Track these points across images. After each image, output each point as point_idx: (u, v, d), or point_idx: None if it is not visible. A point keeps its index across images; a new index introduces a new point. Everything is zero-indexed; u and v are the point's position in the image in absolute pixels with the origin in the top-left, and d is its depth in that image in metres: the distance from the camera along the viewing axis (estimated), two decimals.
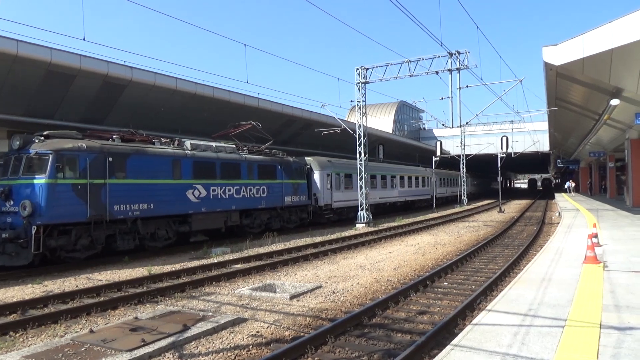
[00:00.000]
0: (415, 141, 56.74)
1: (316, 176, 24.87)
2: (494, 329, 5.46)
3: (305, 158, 25.07)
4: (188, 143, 17.11)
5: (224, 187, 17.96)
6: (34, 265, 12.74)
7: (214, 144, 18.38)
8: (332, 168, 26.17)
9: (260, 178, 19.93)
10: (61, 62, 16.52)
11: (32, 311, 8.88)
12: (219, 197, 17.75)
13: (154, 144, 16.05)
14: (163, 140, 16.71)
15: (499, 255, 14.64)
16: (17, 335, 7.46)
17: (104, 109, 19.99)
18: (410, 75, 24.24)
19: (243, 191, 18.94)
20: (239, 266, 13.19)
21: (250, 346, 6.59)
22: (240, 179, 18.86)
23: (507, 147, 35.70)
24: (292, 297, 9.30)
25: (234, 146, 19.53)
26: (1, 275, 11.93)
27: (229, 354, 6.31)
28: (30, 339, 7.29)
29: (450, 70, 23.36)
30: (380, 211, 32.20)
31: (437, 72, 23.66)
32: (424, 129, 68.39)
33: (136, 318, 7.84)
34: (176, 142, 16.98)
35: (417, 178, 39.38)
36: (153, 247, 15.84)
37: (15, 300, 9.57)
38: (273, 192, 20.74)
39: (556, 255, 10.80)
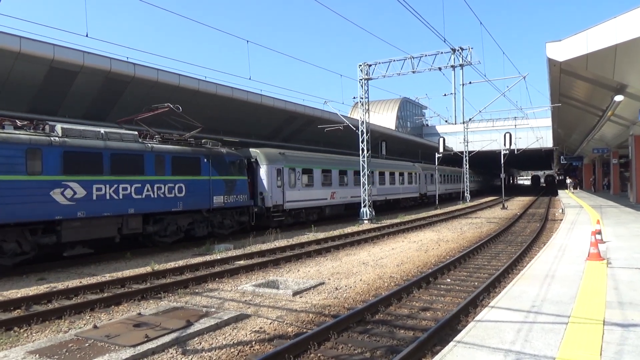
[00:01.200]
0: (418, 138, 56.61)
1: (262, 171, 20.98)
2: (497, 326, 5.46)
3: (250, 150, 21.49)
4: (59, 127, 13.31)
5: (115, 185, 14.10)
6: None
7: (102, 130, 14.52)
8: (285, 162, 22.21)
9: (175, 173, 15.93)
10: (64, 59, 16.52)
11: (36, 307, 8.93)
12: (108, 197, 13.89)
13: (3, 127, 12.27)
14: (19, 122, 12.93)
15: (502, 252, 14.62)
16: (22, 330, 7.50)
17: (106, 105, 20.01)
18: (413, 72, 24.17)
19: (148, 190, 15.03)
20: (242, 262, 13.21)
21: (254, 342, 6.61)
22: (142, 174, 14.95)
23: (510, 144, 35.57)
24: (295, 294, 9.32)
25: (134, 133, 15.46)
26: (5, 271, 11.98)
27: (232, 350, 6.33)
28: (34, 334, 7.33)
29: (453, 67, 23.27)
30: (353, 212, 27.57)
31: (440, 69, 23.59)
32: (427, 125, 68.21)
33: (140, 314, 7.87)
34: (44, 127, 13.23)
35: (401, 174, 35.24)
36: None
37: (19, 296, 9.62)
38: (195, 191, 16.64)
39: (559, 252, 10.77)
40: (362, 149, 25.64)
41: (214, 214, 17.92)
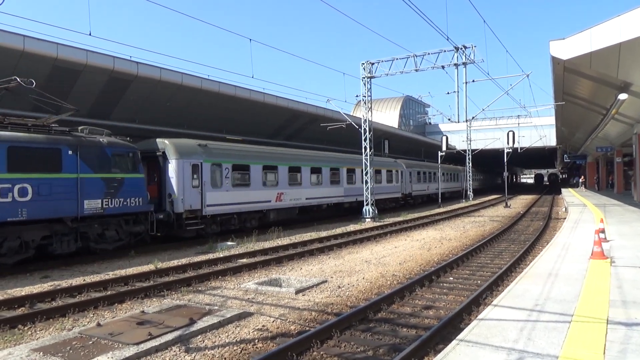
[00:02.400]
0: (421, 136, 56.54)
1: (172, 168, 16.47)
2: (500, 324, 5.45)
3: (157, 140, 17.14)
4: None
5: None
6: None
7: None
8: (206, 155, 17.67)
9: (14, 170, 11.75)
10: (67, 58, 16.57)
11: (40, 305, 8.97)
12: None
13: None
14: None
15: (505, 250, 14.60)
16: (26, 328, 7.53)
17: (110, 104, 20.05)
18: (416, 70, 24.14)
19: None
20: (244, 260, 13.23)
21: (256, 340, 6.62)
22: None
23: (514, 142, 35.48)
24: (297, 292, 9.33)
25: None
26: (9, 269, 12.03)
27: (235, 347, 6.34)
28: (38, 332, 7.37)
29: (456, 65, 23.33)
30: (323, 215, 25.13)
31: (443, 67, 23.56)
32: (430, 123, 68.12)
33: (143, 312, 7.90)
34: None
35: (377, 172, 30.11)
36: None
37: (23, 294, 9.66)
38: (52, 194, 12.41)
39: (563, 250, 10.75)
40: (365, 147, 25.62)
41: (88, 224, 13.60)
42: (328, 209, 25.80)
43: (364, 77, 25.34)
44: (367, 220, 24.78)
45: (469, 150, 44.13)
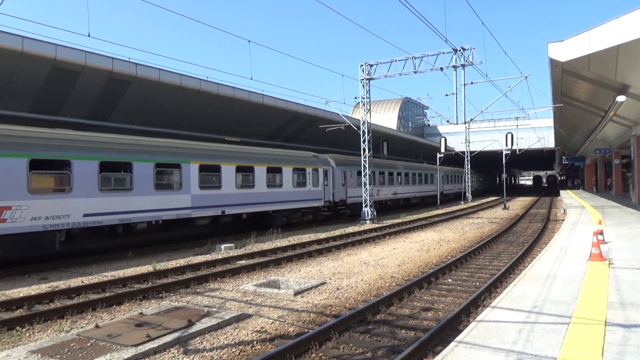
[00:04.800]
0: (419, 138, 56.60)
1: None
2: (498, 326, 5.45)
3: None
4: None
5: None
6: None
7: None
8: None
9: None
10: (66, 59, 16.56)
11: (38, 306, 8.95)
12: None
13: None
14: None
15: (503, 252, 14.61)
16: (24, 330, 7.52)
17: (108, 105, 20.04)
18: (415, 72, 24.17)
19: None
20: (243, 262, 13.22)
21: (255, 342, 6.62)
22: None
23: (512, 144, 35.53)
24: (296, 293, 9.32)
25: None
26: (7, 270, 12.00)
27: (234, 349, 6.34)
28: (36, 334, 7.35)
29: (455, 67, 23.28)
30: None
31: (441, 69, 23.59)
32: (429, 125, 68.20)
33: (141, 313, 7.89)
34: None
35: (273, 171, 21.22)
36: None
37: (21, 295, 9.64)
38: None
39: (561, 252, 10.76)
40: (364, 149, 25.65)
41: None
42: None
43: (363, 79, 25.38)
44: (366, 221, 24.79)
45: (467, 152, 44.18)
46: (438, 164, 40.56)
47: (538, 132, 52.32)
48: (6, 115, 16.57)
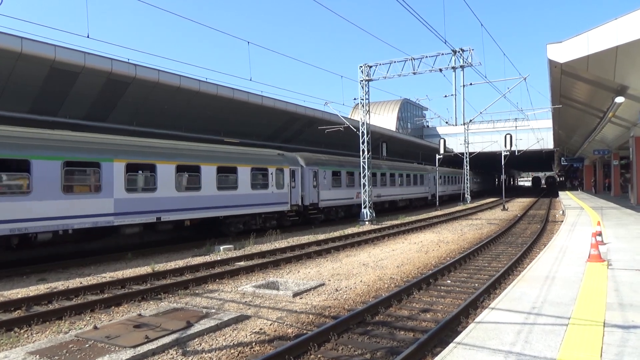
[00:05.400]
0: (418, 139, 56.64)
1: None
2: (498, 327, 5.45)
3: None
4: None
5: None
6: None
7: None
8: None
9: None
10: (65, 60, 16.55)
11: (37, 307, 8.93)
12: None
13: None
14: None
15: (502, 253, 14.61)
16: (22, 331, 7.50)
17: (107, 106, 20.04)
18: (414, 73, 24.17)
19: None
20: (242, 263, 13.21)
21: (254, 343, 6.61)
22: None
23: (511, 145, 35.59)
24: (295, 295, 9.31)
25: None
26: (6, 271, 11.98)
27: (232, 351, 6.33)
28: (34, 335, 7.33)
29: (454, 68, 23.28)
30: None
31: (440, 70, 23.59)
32: (428, 126, 68.24)
33: (140, 315, 7.87)
34: None
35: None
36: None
37: (20, 296, 9.62)
38: None
39: (560, 253, 10.76)
40: (363, 150, 25.65)
41: None
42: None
43: (362, 80, 25.39)
44: (365, 223, 24.78)
45: (466, 153, 44.21)
46: (437, 165, 40.59)
47: (537, 133, 52.38)
48: (5, 116, 16.56)
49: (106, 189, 14.15)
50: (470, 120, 36.39)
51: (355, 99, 26.58)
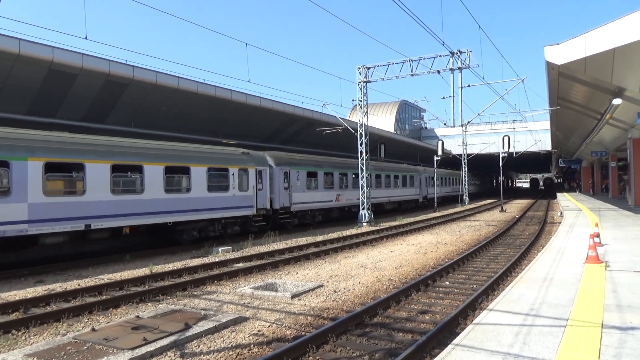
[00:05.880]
0: (416, 140, 56.71)
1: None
2: (496, 329, 5.46)
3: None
4: None
5: None
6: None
7: None
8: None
9: None
10: (63, 61, 16.53)
11: (34, 309, 8.90)
12: None
13: None
14: None
15: (500, 254, 14.62)
16: (20, 333, 7.48)
17: (105, 108, 20.02)
18: (412, 75, 24.22)
19: None
20: (240, 265, 13.20)
21: (252, 345, 6.60)
22: None
23: (509, 147, 35.66)
24: (293, 296, 9.31)
25: None
26: (3, 273, 11.95)
27: (231, 352, 6.32)
28: (32, 337, 7.31)
29: (452, 70, 23.35)
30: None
31: (438, 72, 23.65)
32: (426, 128, 68.39)
33: (138, 317, 7.85)
34: None
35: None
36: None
37: (17, 298, 9.59)
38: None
39: (558, 254, 10.78)
40: (361, 152, 25.66)
41: None
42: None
43: (360, 82, 25.41)
44: (363, 224, 24.79)
45: (464, 154, 44.28)
46: (435, 166, 40.63)
47: (535, 135, 52.50)
48: (3, 118, 16.53)
49: (18, 192, 12.08)
50: (469, 122, 36.50)
51: (353, 100, 26.67)
